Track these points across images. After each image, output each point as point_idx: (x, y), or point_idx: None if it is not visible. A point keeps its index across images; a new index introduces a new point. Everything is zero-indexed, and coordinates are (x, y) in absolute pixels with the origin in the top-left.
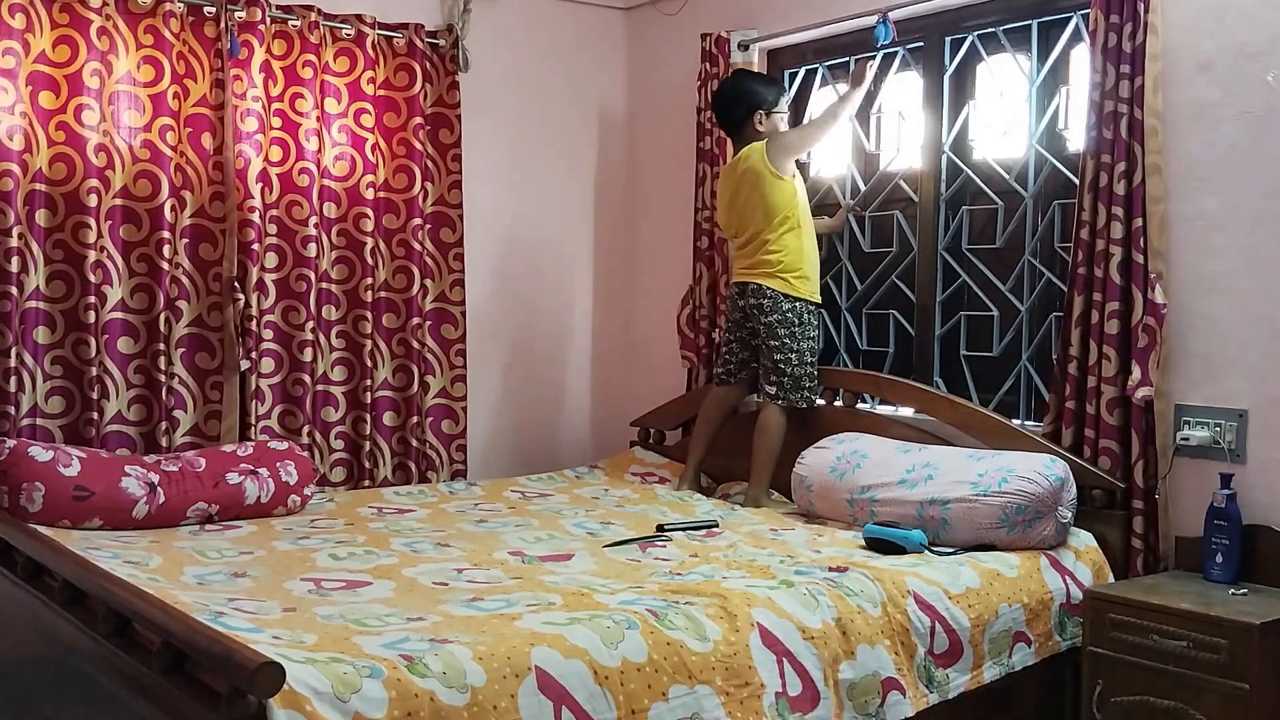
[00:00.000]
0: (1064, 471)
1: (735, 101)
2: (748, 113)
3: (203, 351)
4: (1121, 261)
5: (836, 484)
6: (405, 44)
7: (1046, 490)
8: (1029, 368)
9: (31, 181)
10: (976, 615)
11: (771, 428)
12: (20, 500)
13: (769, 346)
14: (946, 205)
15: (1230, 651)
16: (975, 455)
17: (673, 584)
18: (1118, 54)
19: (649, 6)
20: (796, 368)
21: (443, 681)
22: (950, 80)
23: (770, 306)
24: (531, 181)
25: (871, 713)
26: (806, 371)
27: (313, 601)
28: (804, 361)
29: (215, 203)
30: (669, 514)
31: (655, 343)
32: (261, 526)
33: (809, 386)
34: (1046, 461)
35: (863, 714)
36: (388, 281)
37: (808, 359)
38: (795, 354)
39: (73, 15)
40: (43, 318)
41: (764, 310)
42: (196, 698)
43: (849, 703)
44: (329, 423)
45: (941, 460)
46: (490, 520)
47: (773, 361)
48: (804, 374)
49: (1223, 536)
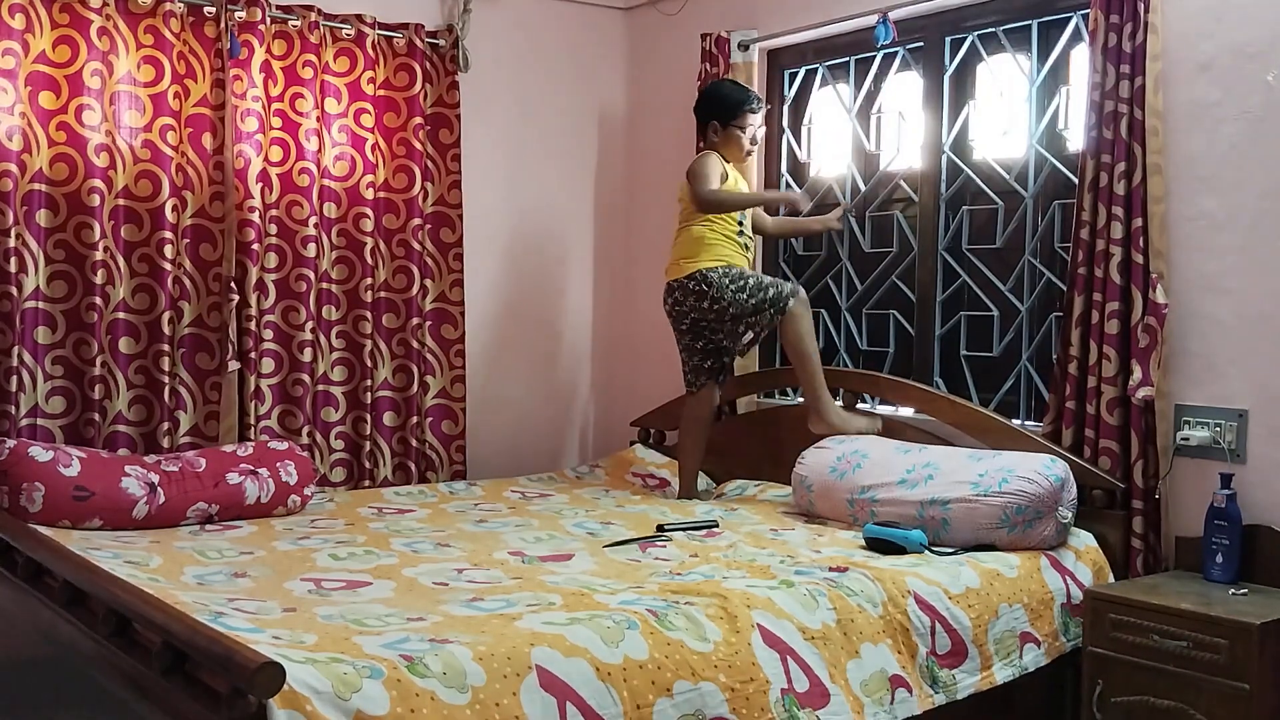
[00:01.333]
0: (1064, 471)
1: (700, 106)
2: (704, 120)
3: (203, 351)
4: (1121, 261)
5: (837, 483)
6: (405, 44)
7: (1047, 490)
8: (1029, 368)
9: (32, 182)
10: (977, 615)
11: (798, 336)
12: (20, 500)
13: (716, 322)
14: (946, 205)
15: (1230, 651)
16: (975, 455)
17: (673, 584)
18: (1118, 54)
19: (649, 6)
20: (749, 298)
21: (443, 681)
22: (950, 80)
23: (681, 294)
24: (531, 181)
25: (886, 708)
26: (761, 295)
27: (313, 601)
28: (747, 291)
29: (216, 203)
30: (669, 514)
31: (655, 343)
32: (261, 526)
33: (774, 293)
34: (1046, 461)
35: (880, 707)
36: (388, 281)
37: (749, 286)
38: (733, 304)
39: (73, 15)
40: (44, 318)
41: (679, 302)
42: (196, 698)
43: (866, 699)
44: (329, 423)
45: (942, 460)
46: (490, 520)
47: (732, 322)
48: (761, 298)
49: (1223, 536)
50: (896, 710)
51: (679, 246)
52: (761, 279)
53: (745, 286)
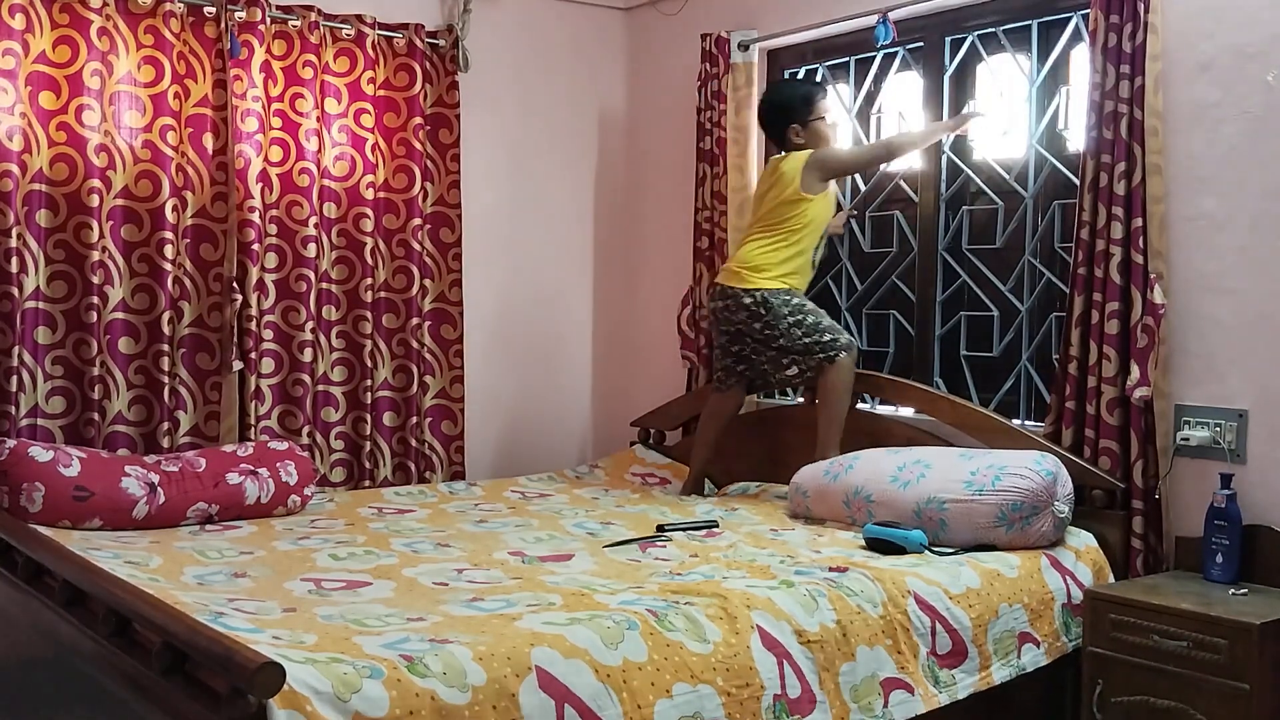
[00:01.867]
0: (1055, 466)
1: (771, 116)
2: (784, 125)
3: (203, 352)
4: (1121, 261)
5: (831, 486)
6: (405, 44)
7: (1040, 485)
8: (1029, 368)
9: (32, 182)
10: (977, 615)
11: (834, 386)
12: (20, 500)
13: (761, 344)
14: (946, 205)
15: (1230, 651)
16: (966, 454)
17: (673, 584)
18: (1118, 54)
19: (649, 6)
20: (804, 335)
21: (443, 681)
22: (950, 80)
23: (734, 306)
24: (531, 182)
25: (878, 714)
26: (815, 337)
27: (313, 602)
28: (803, 328)
29: (217, 203)
30: (669, 514)
31: (655, 343)
32: (261, 527)
33: (829, 339)
34: (1036, 457)
35: (869, 715)
36: (387, 281)
37: (806, 323)
38: (784, 336)
39: (73, 15)
40: (44, 318)
41: (730, 310)
42: (196, 698)
43: (854, 705)
44: (329, 423)
45: (932, 458)
46: (490, 520)
47: (778, 352)
48: (814, 339)
49: (1223, 536)
50: (894, 712)
51: (748, 252)
52: (820, 320)
53: (803, 323)
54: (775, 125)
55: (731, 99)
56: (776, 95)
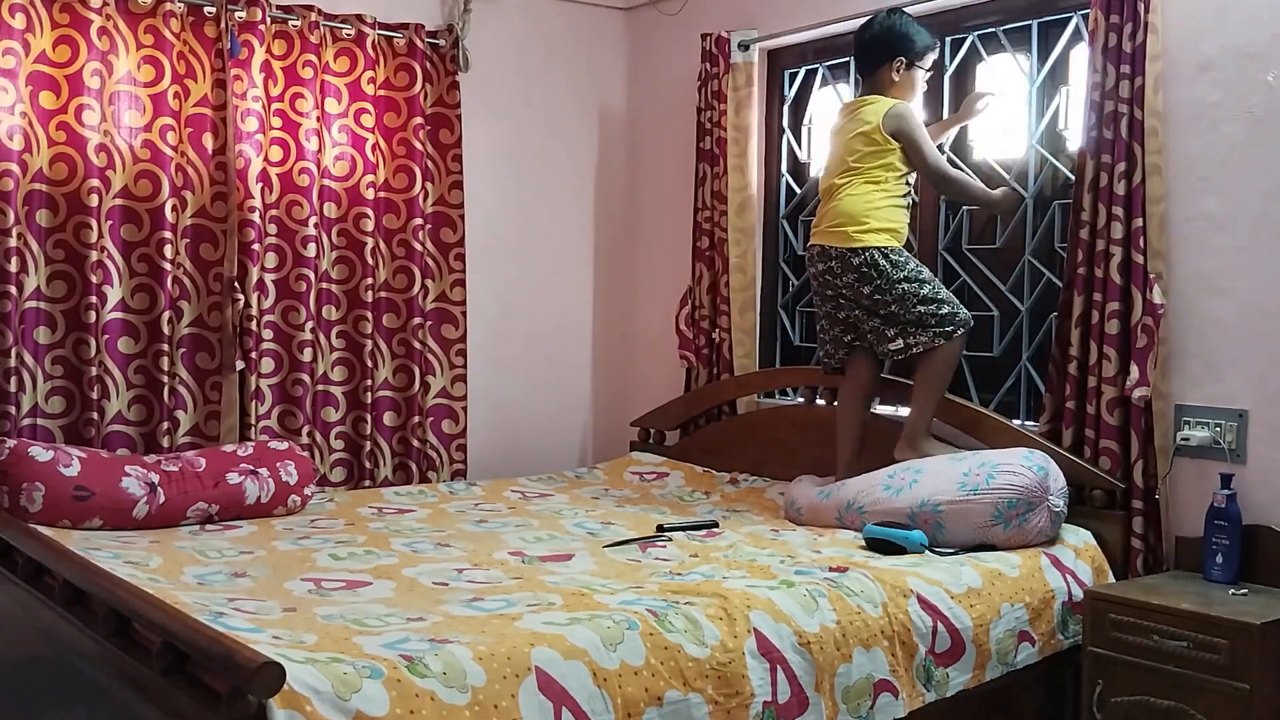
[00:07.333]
0: (1044, 460)
1: (883, 41)
2: (886, 58)
3: (203, 352)
4: (1121, 261)
5: (824, 503)
6: (405, 44)
7: (1033, 481)
8: (1029, 368)
9: (32, 181)
10: (979, 615)
11: (941, 366)
12: (20, 500)
13: (867, 312)
14: (946, 205)
15: (1230, 651)
16: (956, 456)
17: (673, 584)
18: (1118, 54)
19: (649, 6)
20: (918, 305)
21: (443, 681)
22: (950, 80)
23: (840, 267)
24: (532, 181)
25: (863, 715)
26: (931, 308)
27: (313, 601)
28: (919, 297)
29: (217, 203)
30: (669, 514)
31: (655, 343)
32: (261, 526)
33: (948, 312)
34: (1024, 453)
35: (855, 716)
36: (388, 281)
37: (924, 290)
38: (897, 302)
39: (73, 15)
40: (43, 318)
41: (833, 274)
42: (196, 698)
43: (843, 706)
44: (329, 423)
45: (921, 463)
46: (490, 520)
47: (883, 320)
48: (930, 309)
49: (1223, 536)
50: (875, 715)
51: (846, 205)
52: (939, 290)
53: (919, 293)
54: (878, 54)
55: (731, 99)
56: (894, 24)
